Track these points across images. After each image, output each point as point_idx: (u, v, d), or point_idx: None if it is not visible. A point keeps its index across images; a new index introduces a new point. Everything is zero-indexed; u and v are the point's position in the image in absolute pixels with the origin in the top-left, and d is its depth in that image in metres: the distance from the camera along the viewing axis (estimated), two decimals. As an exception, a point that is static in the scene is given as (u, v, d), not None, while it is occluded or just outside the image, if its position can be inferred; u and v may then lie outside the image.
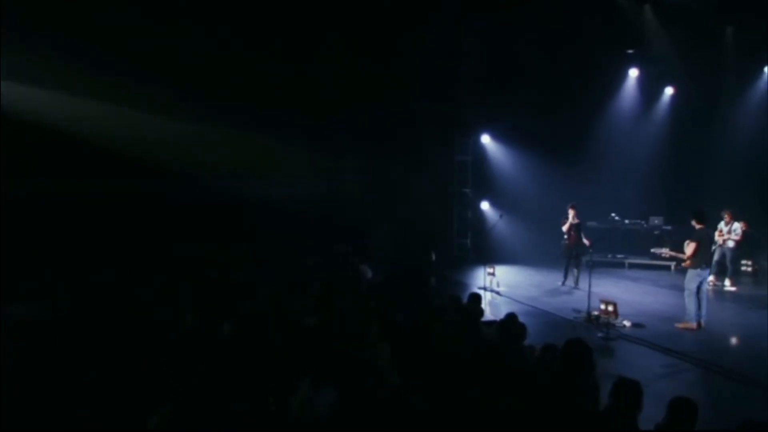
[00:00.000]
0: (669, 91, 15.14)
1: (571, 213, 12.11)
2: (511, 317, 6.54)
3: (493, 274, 11.92)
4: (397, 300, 7.75)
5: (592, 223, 14.82)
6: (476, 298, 7.62)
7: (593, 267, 13.95)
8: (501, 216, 13.05)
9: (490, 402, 4.60)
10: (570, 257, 12.32)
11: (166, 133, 12.61)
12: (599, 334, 8.67)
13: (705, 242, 9.41)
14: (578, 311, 10.00)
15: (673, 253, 9.63)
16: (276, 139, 13.80)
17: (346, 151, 15.63)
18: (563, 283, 12.27)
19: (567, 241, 12.16)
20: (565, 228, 12.19)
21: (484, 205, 15.85)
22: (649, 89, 15.12)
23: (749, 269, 13.43)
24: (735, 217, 12.43)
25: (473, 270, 14.45)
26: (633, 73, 15.09)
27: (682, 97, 14.62)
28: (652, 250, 10.41)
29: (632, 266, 14.57)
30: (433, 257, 14.17)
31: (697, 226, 9.20)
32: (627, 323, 9.08)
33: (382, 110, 14.54)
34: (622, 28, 13.30)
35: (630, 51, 14.43)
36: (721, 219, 12.45)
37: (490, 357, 5.64)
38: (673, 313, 9.72)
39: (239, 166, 13.86)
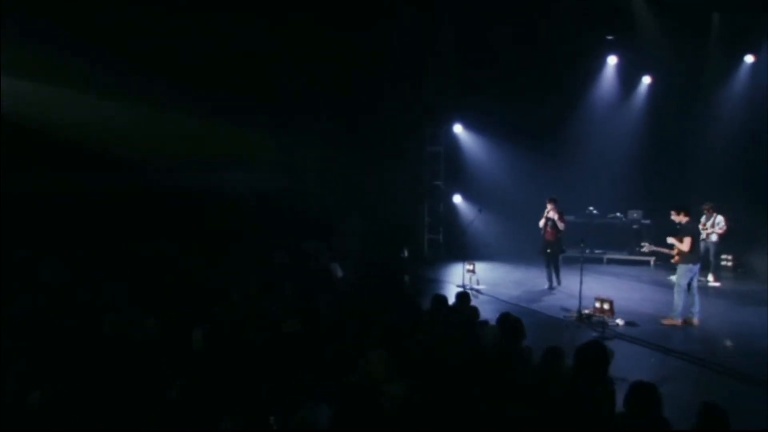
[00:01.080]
0: (647, 80, 15.22)
1: (548, 206, 11.70)
2: (508, 317, 6.29)
3: (473, 272, 11.68)
4: (381, 302, 7.37)
5: (569, 218, 14.79)
6: (465, 298, 7.31)
7: (570, 263, 14.26)
8: (480, 210, 12.80)
9: (503, 410, 4.34)
10: (547, 255, 11.88)
11: (111, 118, 11.81)
12: (594, 334, 8.51)
13: (697, 236, 9.41)
14: (567, 310, 9.85)
15: (665, 250, 9.53)
16: (235, 127, 13.25)
17: (309, 140, 15.15)
18: (550, 287, 11.82)
19: (543, 238, 11.77)
20: (541, 223, 11.76)
21: (457, 199, 15.71)
22: (629, 77, 15.18)
23: (729, 264, 13.63)
24: (716, 210, 12.54)
25: (447, 267, 14.25)
26: (612, 60, 15.10)
27: (661, 86, 14.70)
28: (643, 248, 10.30)
29: (611, 262, 14.62)
30: (406, 254, 13.94)
31: (685, 220, 9.18)
32: (620, 322, 8.97)
33: (349, 97, 14.17)
34: (602, 12, 13.25)
35: (610, 37, 14.42)
36: (702, 213, 12.54)
37: (496, 361, 5.37)
38: (664, 310, 9.65)
39: (192, 156, 13.17)
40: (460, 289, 11.10)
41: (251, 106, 13.05)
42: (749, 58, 13.83)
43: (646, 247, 10.29)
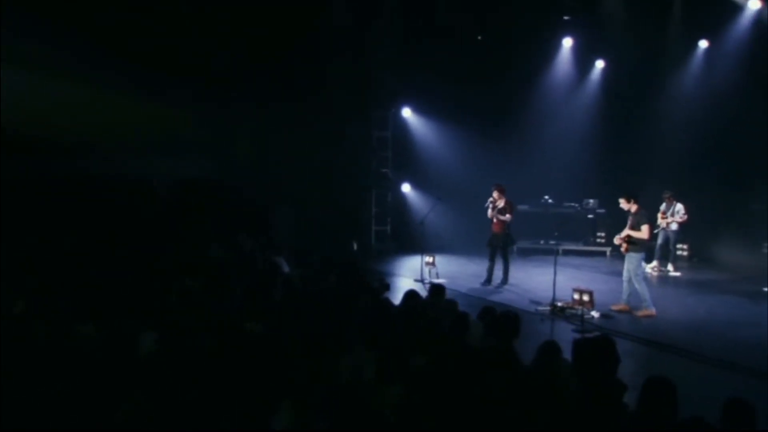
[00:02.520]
0: (600, 64, 15.42)
1: (494, 195, 11.23)
2: (497, 312, 6.03)
3: (432, 264, 11.39)
4: (346, 298, 6.94)
5: (523, 207, 14.83)
6: (440, 292, 7.04)
7: (525, 255, 14.34)
8: (439, 199, 12.53)
9: (507, 412, 4.12)
10: (493, 248, 11.35)
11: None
12: (573, 328, 8.42)
13: (652, 222, 9.65)
14: (539, 303, 9.73)
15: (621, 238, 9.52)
16: (156, 107, 12.45)
17: (241, 121, 14.45)
18: (487, 281, 11.30)
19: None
20: (489, 213, 11.32)
21: (406, 188, 15.49)
22: (585, 60, 15.31)
23: (685, 253, 14.00)
24: (676, 198, 12.83)
25: (397, 261, 14.00)
26: (567, 42, 15.18)
27: (617, 70, 14.89)
28: (616, 241, 10.13)
29: (567, 253, 14.67)
30: (355, 247, 13.79)
31: (634, 207, 9.35)
32: (595, 314, 8.94)
33: (286, 76, 13.59)
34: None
35: (566, 18, 14.49)
36: (662, 201, 12.81)
37: (492, 359, 5.06)
38: (634, 302, 9.67)
39: (106, 140, 12.30)
40: (420, 283, 11.01)
41: (175, 83, 12.22)
42: (704, 43, 14.22)
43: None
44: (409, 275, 12.05)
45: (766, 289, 10.77)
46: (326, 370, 4.63)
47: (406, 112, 15.40)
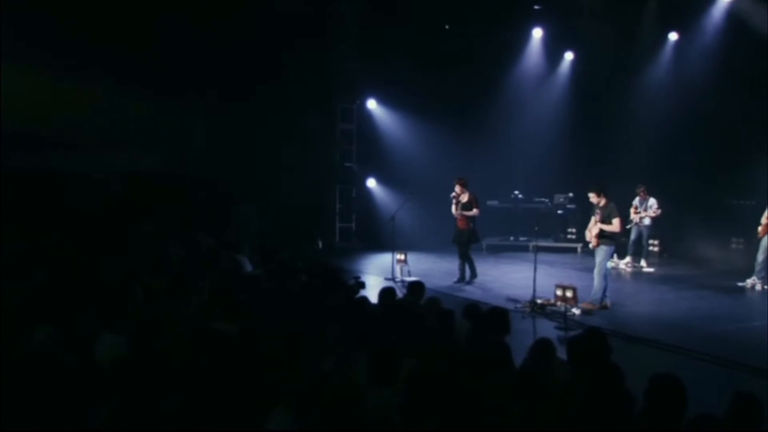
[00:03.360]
0: (569, 56, 15.53)
1: (457, 189, 11.01)
2: (483, 310, 5.92)
3: (404, 262, 11.22)
4: (319, 297, 6.72)
5: (492, 203, 14.87)
6: (419, 289, 6.90)
7: (495, 252, 14.33)
8: (411, 193, 12.35)
9: (510, 411, 4.06)
10: (459, 245, 11.22)
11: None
12: (555, 326, 8.38)
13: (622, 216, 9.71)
14: (516, 300, 9.68)
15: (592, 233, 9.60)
16: (107, 97, 12.20)
17: (197, 113, 14.09)
18: (460, 279, 11.22)
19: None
20: (454, 210, 11.12)
21: (371, 183, 15.38)
22: (555, 52, 15.41)
23: (655, 249, 14.19)
24: (649, 193, 12.96)
25: (364, 258, 13.83)
26: (537, 33, 15.24)
27: (587, 62, 15.00)
28: (587, 236, 10.20)
29: (537, 249, 14.62)
30: (320, 245, 13.49)
31: (603, 201, 9.41)
32: (576, 311, 8.91)
33: (244, 65, 13.38)
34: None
35: (537, 7, 14.57)
36: (636, 195, 12.93)
37: (489, 357, 4.94)
38: (614, 297, 9.82)
39: (58, 132, 11.85)
40: (391, 282, 10.83)
41: (126, 73, 11.97)
42: (673, 36, 14.45)
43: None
44: (377, 273, 11.86)
45: (740, 283, 11.05)
46: (312, 371, 4.44)
47: (372, 104, 15.30)
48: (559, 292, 8.58)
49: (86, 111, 12.18)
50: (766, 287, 10.76)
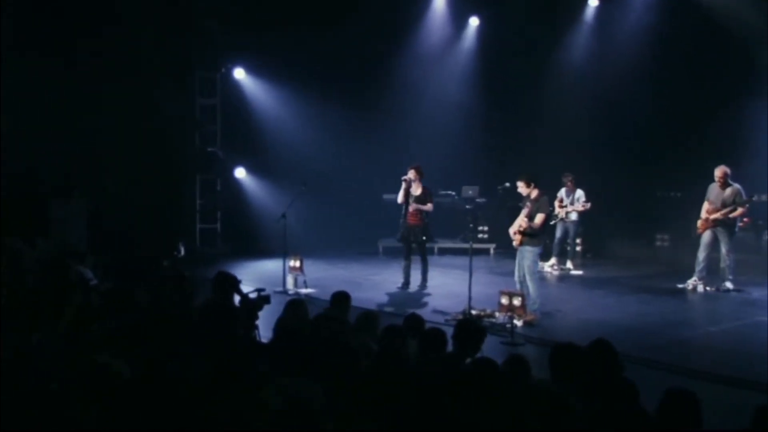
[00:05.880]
0: (475, 21, 15.23)
1: (411, 174, 10.86)
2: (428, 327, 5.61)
3: (300, 270, 10.80)
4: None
5: (389, 196, 14.13)
6: (344, 299, 6.62)
7: (395, 255, 13.64)
8: (305, 185, 11.65)
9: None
10: (408, 244, 11.05)
11: None
12: (501, 341, 7.80)
13: (550, 213, 10.01)
14: (445, 312, 9.14)
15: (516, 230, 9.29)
16: None
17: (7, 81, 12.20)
18: (405, 285, 11.10)
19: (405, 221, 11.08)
20: (400, 199, 10.94)
21: (241, 173, 14.62)
22: (460, 18, 15.10)
23: (578, 248, 13.84)
24: (576, 183, 12.48)
25: (236, 267, 12.37)
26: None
27: (495, 28, 14.80)
28: (511, 233, 9.62)
29: (443, 251, 14.33)
30: (182, 252, 13.27)
31: (535, 193, 9.14)
32: (518, 322, 8.23)
33: (69, 22, 12.17)
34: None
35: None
36: (563, 185, 12.48)
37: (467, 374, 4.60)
38: (552, 305, 9.76)
39: None
40: (284, 295, 10.03)
41: None
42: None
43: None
44: (262, 285, 10.66)
45: (681, 285, 10.99)
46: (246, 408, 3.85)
47: (239, 74, 14.53)
48: (504, 300, 8.19)
49: None
50: (708, 288, 10.73)
